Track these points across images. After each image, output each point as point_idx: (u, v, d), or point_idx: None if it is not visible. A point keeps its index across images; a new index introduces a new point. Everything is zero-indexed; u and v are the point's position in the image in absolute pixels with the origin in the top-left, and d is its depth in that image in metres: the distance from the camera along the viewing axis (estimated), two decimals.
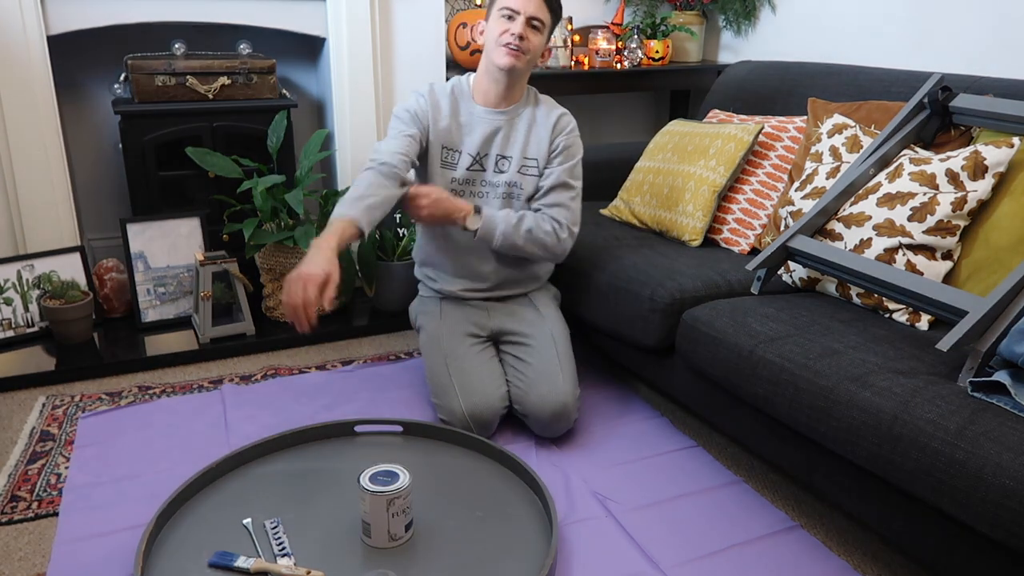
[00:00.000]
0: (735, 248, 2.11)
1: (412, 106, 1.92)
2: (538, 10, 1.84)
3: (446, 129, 1.93)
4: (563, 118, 1.97)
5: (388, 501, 1.42)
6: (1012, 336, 1.30)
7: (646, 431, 1.96)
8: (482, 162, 1.94)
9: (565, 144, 1.95)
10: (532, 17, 1.83)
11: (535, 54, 1.89)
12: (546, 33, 1.89)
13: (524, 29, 1.83)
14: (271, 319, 2.53)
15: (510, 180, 1.94)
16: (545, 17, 1.86)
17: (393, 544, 1.46)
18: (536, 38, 1.86)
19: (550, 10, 1.87)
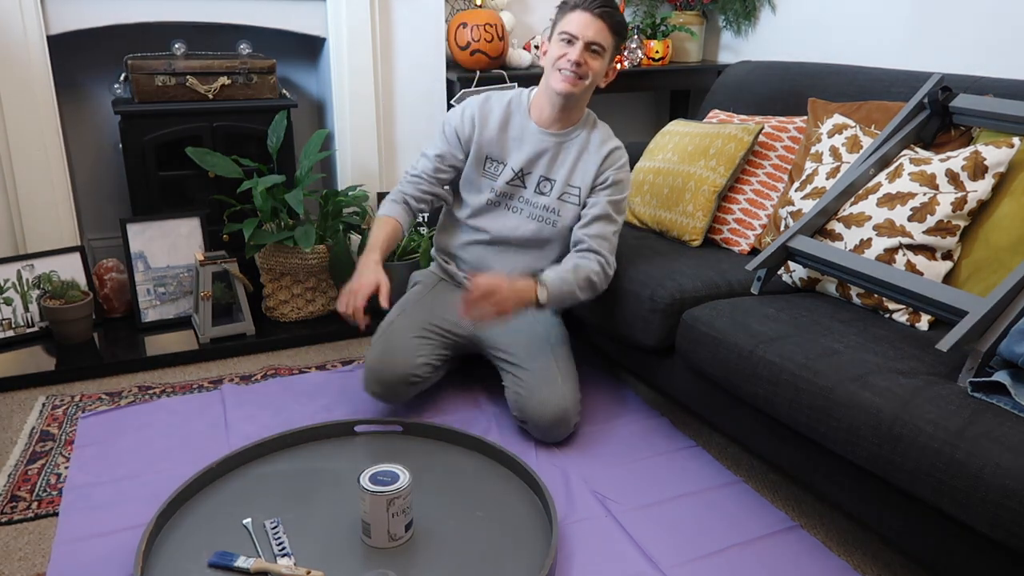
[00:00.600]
0: (735, 248, 2.11)
1: (455, 120, 1.93)
2: (598, 35, 1.77)
3: (491, 140, 1.92)
4: (616, 152, 1.91)
5: (388, 501, 1.42)
6: (1012, 336, 1.30)
7: (646, 431, 1.96)
8: (524, 179, 1.92)
9: (614, 179, 1.89)
10: (591, 43, 1.77)
11: (595, 79, 1.83)
12: (608, 56, 1.82)
13: (582, 55, 1.77)
14: (271, 319, 2.53)
15: (549, 205, 1.91)
16: (606, 41, 1.79)
17: (393, 544, 1.46)
18: (596, 63, 1.80)
19: (613, 33, 1.80)
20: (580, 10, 1.76)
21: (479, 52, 2.75)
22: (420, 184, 1.95)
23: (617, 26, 1.79)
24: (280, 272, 2.46)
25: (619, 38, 1.82)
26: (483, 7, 2.88)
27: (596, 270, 1.84)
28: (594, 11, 1.75)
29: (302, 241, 2.27)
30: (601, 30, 1.77)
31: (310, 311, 2.53)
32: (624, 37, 1.85)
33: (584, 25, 1.75)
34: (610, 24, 1.77)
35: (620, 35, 1.82)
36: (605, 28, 1.77)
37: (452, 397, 2.09)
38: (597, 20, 1.76)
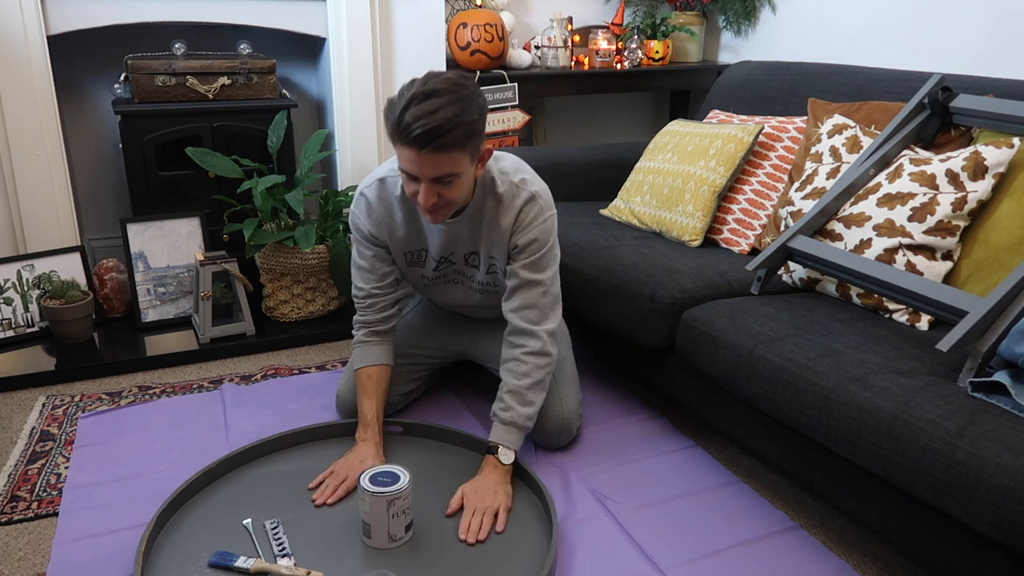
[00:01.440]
0: (735, 248, 2.11)
1: (366, 225, 1.70)
2: (438, 168, 1.43)
3: (404, 238, 1.72)
4: (524, 210, 1.63)
5: (388, 502, 1.42)
6: (1012, 336, 1.30)
7: (646, 431, 1.96)
8: (450, 259, 1.75)
9: (525, 241, 1.64)
10: (436, 178, 1.45)
11: (463, 194, 1.52)
12: (469, 165, 1.48)
13: (431, 194, 1.47)
14: (271, 319, 2.53)
15: (482, 280, 1.77)
16: (454, 164, 1.43)
17: (393, 545, 1.46)
18: (452, 191, 1.48)
19: (458, 149, 1.42)
20: (407, 146, 1.41)
21: (479, 52, 2.75)
22: (378, 303, 1.77)
23: (459, 141, 1.41)
24: (280, 272, 2.46)
25: (472, 143, 1.45)
26: (483, 7, 2.89)
27: (535, 364, 1.66)
28: (421, 150, 1.40)
29: (302, 241, 2.27)
30: (441, 161, 1.42)
31: (310, 311, 2.53)
32: (478, 131, 1.45)
33: (419, 164, 1.43)
34: (449, 149, 1.41)
35: (472, 139, 1.44)
36: (445, 156, 1.41)
37: (451, 397, 2.09)
38: (429, 156, 1.40)
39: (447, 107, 1.38)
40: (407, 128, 1.38)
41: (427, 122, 1.36)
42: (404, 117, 1.38)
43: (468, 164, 1.48)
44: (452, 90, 1.40)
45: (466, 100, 1.41)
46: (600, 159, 2.59)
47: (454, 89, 1.41)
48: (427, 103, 1.38)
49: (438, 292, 1.87)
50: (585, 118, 3.46)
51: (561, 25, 2.96)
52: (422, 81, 1.42)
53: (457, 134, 1.39)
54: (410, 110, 1.38)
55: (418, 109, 1.37)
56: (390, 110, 1.43)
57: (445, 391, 2.11)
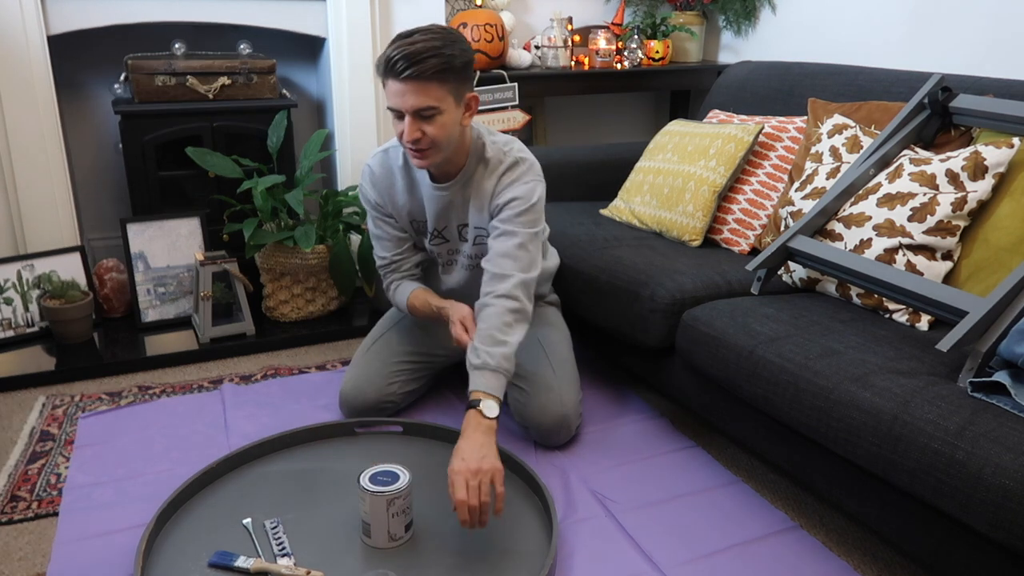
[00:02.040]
0: (735, 248, 2.11)
1: (372, 195, 1.79)
2: (419, 99, 1.49)
3: (405, 206, 1.79)
4: (507, 172, 1.68)
5: (388, 501, 1.42)
6: (1012, 336, 1.30)
7: (646, 431, 1.96)
8: (443, 234, 1.80)
9: (504, 200, 1.67)
10: (418, 110, 1.51)
11: (448, 137, 1.57)
12: (448, 105, 1.53)
13: (413, 130, 1.52)
14: (271, 319, 2.53)
15: (469, 253, 1.81)
16: (435, 97, 1.50)
17: (393, 544, 1.46)
18: (434, 127, 1.53)
19: (439, 82, 1.49)
20: (390, 79, 1.50)
21: (479, 52, 2.75)
22: (403, 265, 1.86)
23: (439, 70, 1.48)
24: (280, 272, 2.46)
25: (452, 78, 1.51)
26: (483, 7, 2.89)
27: (502, 306, 1.61)
28: (401, 77, 1.48)
29: (302, 241, 2.27)
30: (421, 91, 1.49)
31: (310, 311, 2.53)
32: (458, 68, 1.52)
33: (400, 95, 1.50)
34: (429, 77, 1.48)
35: (451, 74, 1.50)
36: (425, 86, 1.48)
37: (451, 397, 2.09)
38: (411, 84, 1.48)
39: (428, 40, 1.49)
40: (389, 58, 1.49)
41: (407, 50, 1.48)
42: (390, 51, 1.50)
43: (451, 104, 1.54)
44: (437, 30, 1.53)
45: (448, 38, 1.52)
46: (600, 159, 2.59)
47: (439, 30, 1.53)
48: (411, 37, 1.51)
49: (442, 272, 1.91)
50: (585, 118, 3.46)
51: (561, 25, 2.96)
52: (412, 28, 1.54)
53: (434, 62, 1.48)
54: (394, 45, 1.50)
55: (401, 41, 1.50)
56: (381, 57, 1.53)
57: (445, 391, 2.11)
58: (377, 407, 1.90)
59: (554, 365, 1.86)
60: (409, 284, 1.87)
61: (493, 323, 1.60)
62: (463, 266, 1.86)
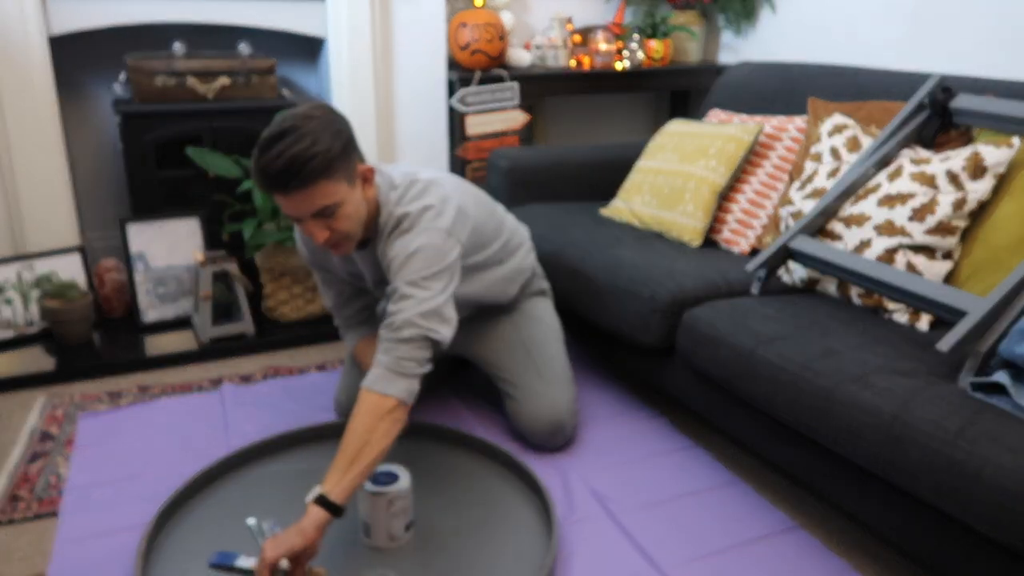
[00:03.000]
0: (735, 248, 2.11)
1: (306, 257, 1.79)
2: (312, 203, 1.40)
3: (342, 269, 1.77)
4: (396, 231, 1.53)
5: (388, 502, 1.42)
6: (1012, 336, 1.30)
7: (646, 431, 1.96)
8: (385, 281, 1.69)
9: (392, 256, 1.52)
10: (316, 213, 1.42)
11: (356, 221, 1.48)
12: (348, 191, 1.43)
13: (322, 230, 1.44)
14: (271, 319, 2.53)
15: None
16: (326, 195, 1.40)
17: (393, 544, 1.46)
18: (339, 221, 1.44)
19: (324, 179, 1.38)
20: (273, 193, 1.41)
21: (479, 52, 2.75)
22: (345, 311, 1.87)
23: (320, 171, 1.37)
24: (280, 272, 2.46)
25: (339, 167, 1.40)
26: (483, 7, 2.89)
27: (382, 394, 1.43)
28: (285, 191, 1.38)
29: None
30: (312, 196, 1.39)
31: (310, 311, 2.53)
32: (339, 154, 1.40)
33: (291, 205, 1.41)
34: (315, 180, 1.38)
35: (336, 164, 1.39)
36: (314, 190, 1.39)
37: (450, 398, 2.09)
38: (299, 193, 1.38)
39: (296, 143, 1.35)
40: (264, 173, 1.38)
41: (279, 163, 1.35)
42: (259, 165, 1.38)
43: (346, 190, 1.43)
44: (298, 125, 1.38)
45: (316, 130, 1.38)
46: (600, 159, 2.58)
47: (300, 124, 1.38)
48: (276, 146, 1.36)
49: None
50: (585, 118, 3.46)
51: (561, 25, 2.96)
52: (272, 125, 1.40)
53: (314, 165, 1.36)
54: (262, 158, 1.37)
55: (267, 156, 1.37)
56: (252, 163, 1.41)
57: (445, 391, 2.11)
58: None
59: (541, 369, 1.83)
60: (354, 334, 1.89)
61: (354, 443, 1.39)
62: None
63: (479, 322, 1.93)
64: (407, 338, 1.44)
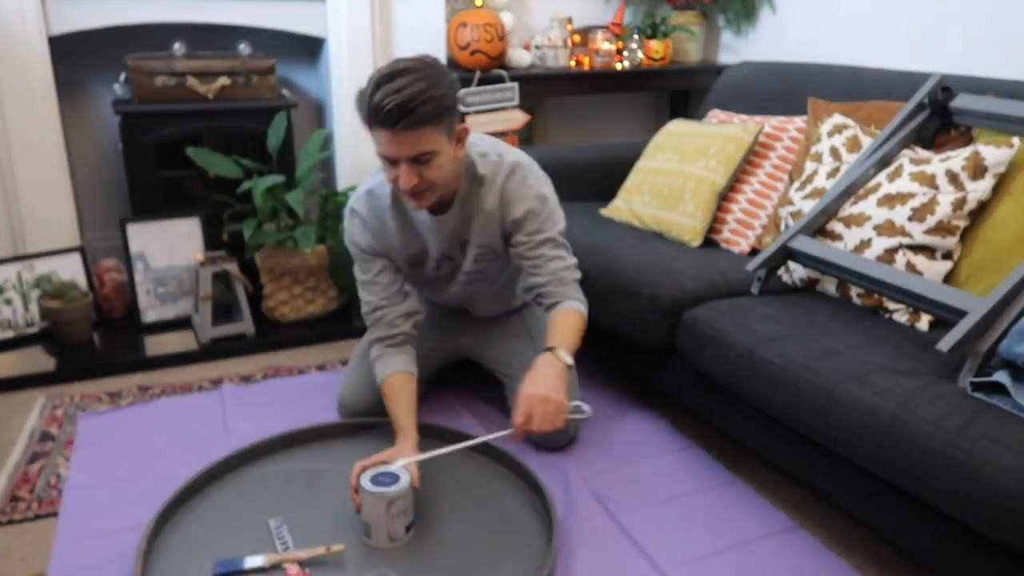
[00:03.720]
0: (735, 248, 2.11)
1: (364, 240, 1.70)
2: (415, 146, 1.43)
3: (403, 243, 1.72)
4: (507, 185, 1.63)
5: (388, 502, 1.42)
6: (1012, 336, 1.30)
7: (646, 431, 1.96)
8: (448, 254, 1.75)
9: (520, 215, 1.64)
10: (414, 158, 1.45)
11: (445, 176, 1.52)
12: (442, 144, 1.47)
13: (409, 176, 1.46)
14: (271, 319, 2.53)
15: (470, 269, 1.76)
16: (429, 142, 1.44)
17: (392, 545, 1.46)
18: (433, 171, 1.48)
19: (432, 126, 1.42)
20: (381, 129, 1.42)
21: (479, 52, 2.75)
22: (387, 315, 1.72)
23: (431, 116, 1.41)
24: (280, 272, 2.46)
25: (445, 119, 1.44)
26: (483, 7, 2.89)
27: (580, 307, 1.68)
28: (396, 128, 1.40)
29: (302, 241, 2.27)
30: (416, 139, 1.42)
31: (310, 311, 2.53)
32: (450, 106, 1.45)
33: (395, 145, 1.43)
34: (424, 124, 1.41)
35: (444, 115, 1.43)
36: (420, 133, 1.42)
37: (450, 398, 2.09)
38: (405, 133, 1.41)
39: (415, 83, 1.39)
40: (378, 108, 1.39)
41: (396, 98, 1.38)
42: (374, 98, 1.40)
43: (445, 143, 1.48)
44: (418, 68, 1.42)
45: (433, 76, 1.42)
46: (600, 159, 2.58)
47: (420, 67, 1.42)
48: (394, 82, 1.39)
49: (439, 290, 1.87)
50: (585, 118, 3.46)
51: (561, 25, 2.96)
52: (389, 64, 1.44)
53: (427, 108, 1.40)
54: (379, 91, 1.39)
55: (387, 88, 1.39)
56: (361, 98, 1.44)
57: (445, 391, 2.11)
58: (376, 412, 1.89)
59: None
60: (391, 360, 1.73)
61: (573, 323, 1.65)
62: (460, 282, 1.81)
63: (490, 323, 1.95)
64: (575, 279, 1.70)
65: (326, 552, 1.39)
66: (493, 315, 1.98)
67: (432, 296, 1.93)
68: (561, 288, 1.68)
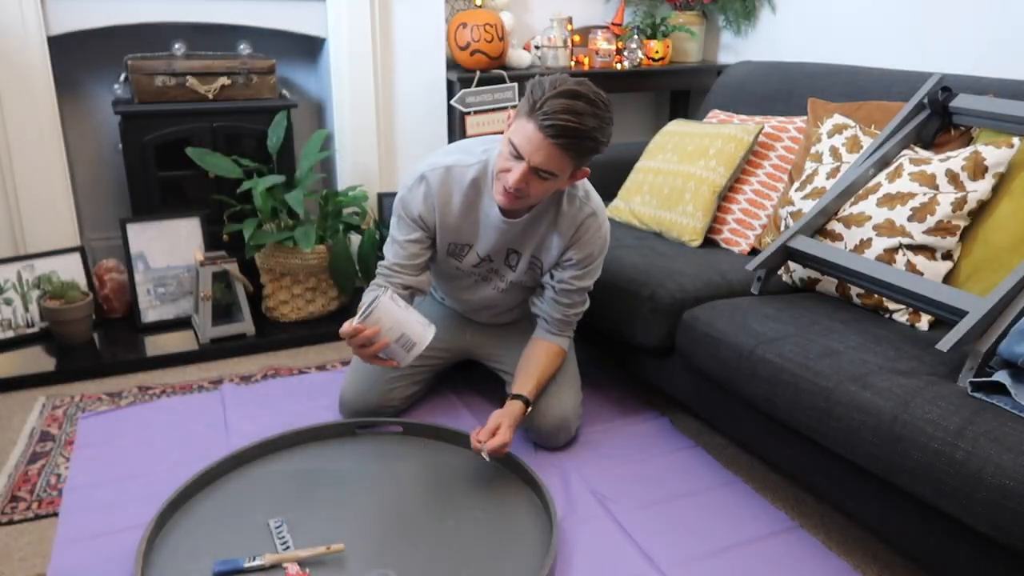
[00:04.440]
0: (735, 248, 2.11)
1: (418, 208, 1.69)
2: (548, 162, 1.47)
3: (455, 227, 1.72)
4: (584, 225, 1.69)
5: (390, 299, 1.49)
6: (1012, 336, 1.30)
7: (646, 431, 1.96)
8: (491, 257, 1.77)
9: (581, 256, 1.71)
10: (538, 168, 1.48)
11: (544, 196, 1.59)
12: (562, 177, 1.54)
13: (524, 179, 1.49)
14: (271, 319, 2.53)
15: (513, 279, 1.80)
16: (559, 167, 1.49)
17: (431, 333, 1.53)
18: (540, 187, 1.53)
19: (573, 158, 1.49)
20: (537, 128, 1.44)
21: (479, 52, 2.75)
22: (396, 278, 1.73)
23: (581, 152, 1.49)
24: (280, 272, 2.46)
25: (585, 158, 1.53)
26: (483, 7, 2.88)
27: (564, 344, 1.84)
28: (552, 137, 1.44)
29: (302, 241, 2.27)
30: (556, 157, 1.47)
31: (310, 311, 2.53)
32: (592, 152, 1.52)
33: (535, 147, 1.46)
34: (570, 153, 1.47)
35: (587, 156, 1.52)
36: (561, 156, 1.47)
37: (451, 397, 2.09)
38: (551, 148, 1.45)
39: (593, 118, 1.45)
40: (552, 113, 1.43)
41: (572, 119, 1.43)
42: (554, 103, 1.43)
43: (567, 174, 1.54)
44: (601, 106, 1.47)
45: (606, 122, 1.49)
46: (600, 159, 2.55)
47: (602, 107, 1.48)
48: (578, 102, 1.44)
49: (462, 288, 1.88)
50: None
51: (561, 25, 2.96)
52: (577, 80, 1.47)
53: (586, 144, 1.47)
54: (561, 100, 1.43)
55: (570, 103, 1.43)
56: (538, 87, 1.46)
57: (445, 391, 2.11)
58: (377, 412, 1.90)
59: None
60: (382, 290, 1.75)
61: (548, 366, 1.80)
62: (497, 288, 1.83)
63: (500, 326, 1.97)
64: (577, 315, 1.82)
65: (326, 552, 1.39)
66: (494, 323, 1.98)
67: (454, 294, 1.94)
68: (563, 327, 1.82)
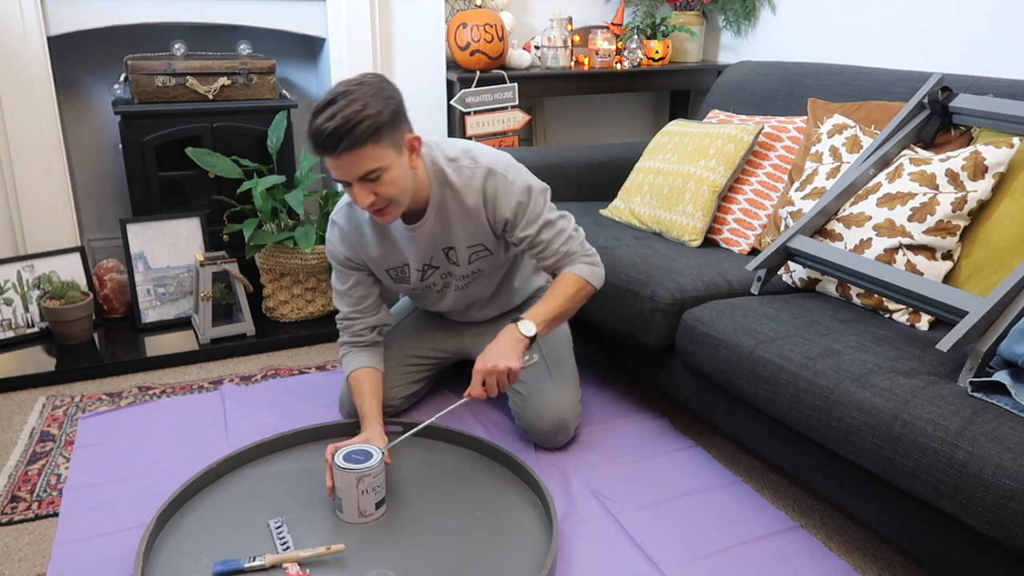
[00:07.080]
0: (735, 248, 2.11)
1: (342, 251, 1.74)
2: (360, 165, 1.44)
3: (381, 255, 1.74)
4: (487, 187, 1.64)
5: (358, 479, 1.47)
6: (1012, 336, 1.30)
7: (646, 431, 1.96)
8: (432, 263, 1.76)
9: (511, 212, 1.66)
10: (363, 176, 1.46)
11: (402, 189, 1.52)
12: (394, 157, 1.48)
13: (365, 196, 1.48)
14: (271, 319, 2.53)
15: (465, 272, 1.79)
16: (374, 159, 1.45)
17: (363, 520, 1.51)
18: (388, 187, 1.49)
19: (373, 143, 1.43)
20: (326, 156, 1.45)
21: (479, 52, 2.75)
22: (354, 326, 1.81)
23: (368, 135, 1.42)
24: (280, 272, 2.46)
25: (386, 133, 1.45)
26: (483, 7, 2.89)
27: (579, 269, 1.71)
28: (334, 152, 1.43)
29: (302, 241, 2.27)
30: (358, 159, 1.44)
31: (310, 311, 2.53)
32: (388, 121, 1.45)
33: (339, 167, 1.46)
34: (363, 143, 1.42)
35: (383, 130, 1.44)
36: (361, 153, 1.43)
37: (452, 397, 2.09)
38: (346, 155, 1.43)
39: (348, 106, 1.41)
40: (316, 135, 1.43)
41: (330, 124, 1.41)
42: (314, 126, 1.43)
43: (393, 156, 1.49)
44: (353, 89, 1.44)
45: (368, 95, 1.44)
46: (600, 159, 2.58)
47: (352, 89, 1.44)
48: (329, 108, 1.42)
49: (432, 302, 1.90)
50: (585, 118, 3.46)
51: (561, 25, 2.96)
52: (329, 91, 1.46)
53: (362, 128, 1.41)
54: (317, 119, 1.43)
55: (323, 115, 1.42)
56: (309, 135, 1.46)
57: (445, 391, 2.11)
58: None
59: (551, 367, 1.85)
60: (357, 357, 1.82)
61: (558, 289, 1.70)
62: (460, 287, 1.83)
63: (491, 324, 1.96)
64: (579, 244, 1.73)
65: (326, 552, 1.40)
66: (494, 317, 1.98)
67: (431, 307, 1.95)
68: (565, 261, 1.73)
